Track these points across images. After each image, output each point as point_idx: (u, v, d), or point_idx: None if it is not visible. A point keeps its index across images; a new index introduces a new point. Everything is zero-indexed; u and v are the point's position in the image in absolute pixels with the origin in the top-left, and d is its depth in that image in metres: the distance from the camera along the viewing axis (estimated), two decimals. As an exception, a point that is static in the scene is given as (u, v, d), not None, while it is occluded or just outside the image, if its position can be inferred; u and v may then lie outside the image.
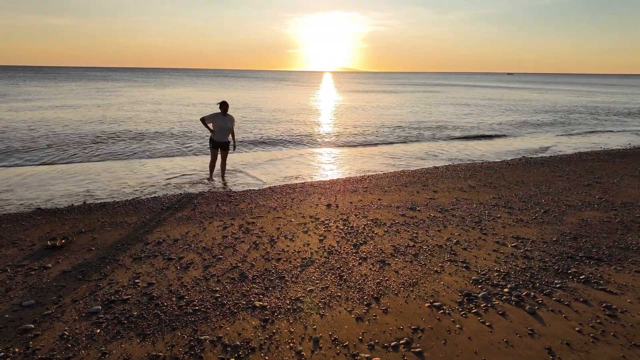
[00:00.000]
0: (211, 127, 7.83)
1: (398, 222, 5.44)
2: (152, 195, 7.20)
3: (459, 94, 42.94)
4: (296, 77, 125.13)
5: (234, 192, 7.40)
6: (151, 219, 5.67)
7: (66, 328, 3.08)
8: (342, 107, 26.81)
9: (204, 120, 7.77)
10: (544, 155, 11.57)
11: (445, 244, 4.65)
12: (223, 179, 8.35)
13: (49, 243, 4.65)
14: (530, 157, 11.00)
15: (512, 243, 4.71)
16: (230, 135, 7.95)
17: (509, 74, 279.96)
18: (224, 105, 7.67)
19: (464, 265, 4.11)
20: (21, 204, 6.64)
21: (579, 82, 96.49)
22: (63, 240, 4.74)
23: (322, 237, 4.90)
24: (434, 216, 5.74)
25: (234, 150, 8.30)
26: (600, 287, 3.72)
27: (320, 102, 30.81)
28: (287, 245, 4.67)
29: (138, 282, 3.77)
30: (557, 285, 3.73)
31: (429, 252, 4.41)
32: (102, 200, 6.80)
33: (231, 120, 7.81)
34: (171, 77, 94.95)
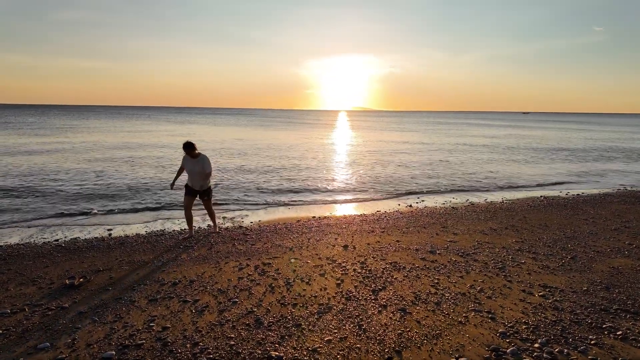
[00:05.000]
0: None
1: (418, 267, 5.28)
2: (170, 230, 7.28)
3: (487, 132, 42.99)
4: (313, 116, 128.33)
5: (250, 230, 7.39)
6: (168, 258, 5.67)
7: (79, 374, 3.01)
8: (360, 149, 27.09)
9: (179, 169, 6.80)
10: (565, 196, 11.27)
11: (469, 292, 4.45)
12: (216, 229, 7.24)
13: (67, 282, 4.68)
14: (552, 199, 10.72)
15: (540, 292, 4.48)
16: (208, 181, 6.61)
17: (524, 113, 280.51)
18: (187, 148, 6.34)
19: (490, 316, 3.90)
20: (43, 241, 6.78)
21: (591, 122, 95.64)
22: (81, 279, 4.77)
23: (339, 281, 4.77)
24: (455, 261, 5.55)
25: (209, 198, 6.81)
26: (640, 344, 3.45)
27: (337, 144, 31.25)
28: (304, 289, 4.55)
29: (153, 325, 3.71)
30: (592, 342, 3.48)
31: (452, 301, 4.22)
32: (121, 236, 6.88)
33: (203, 162, 6.41)
34: (196, 115, 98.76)
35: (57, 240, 6.82)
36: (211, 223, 7.53)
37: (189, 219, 6.78)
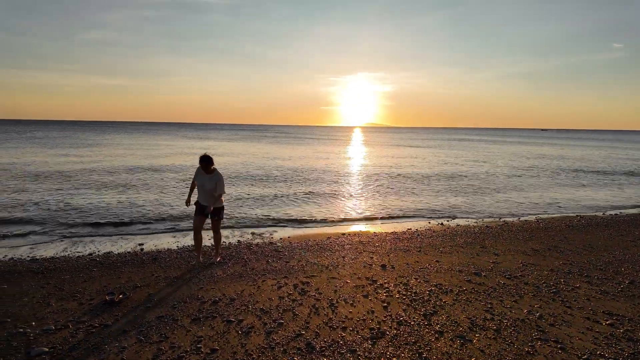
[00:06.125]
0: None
1: (465, 290, 5.01)
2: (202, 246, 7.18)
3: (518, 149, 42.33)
4: (329, 132, 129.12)
5: (282, 247, 7.24)
6: (203, 275, 5.54)
7: (130, 399, 2.86)
8: (381, 165, 26.92)
9: (192, 184, 6.03)
10: (603, 216, 10.79)
11: (528, 318, 4.17)
12: (217, 258, 6.21)
13: (107, 298, 4.59)
14: (590, 219, 10.27)
15: (606, 320, 4.16)
16: (218, 199, 5.83)
17: (542, 130, 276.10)
18: (203, 161, 5.64)
19: (559, 346, 3.61)
20: (78, 255, 6.77)
21: (611, 139, 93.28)
22: (120, 296, 4.67)
23: (385, 304, 4.55)
24: (503, 283, 5.26)
25: (220, 219, 5.98)
26: None
27: (358, 160, 31.17)
28: (350, 312, 4.35)
29: (200, 347, 3.55)
30: (680, 379, 3.16)
31: (513, 328, 3.95)
32: (153, 251, 6.81)
33: (217, 180, 5.69)
34: (214, 131, 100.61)
35: (91, 254, 6.80)
36: (216, 241, 6.29)
37: (198, 244, 5.98)
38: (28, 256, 6.60)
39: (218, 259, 6.24)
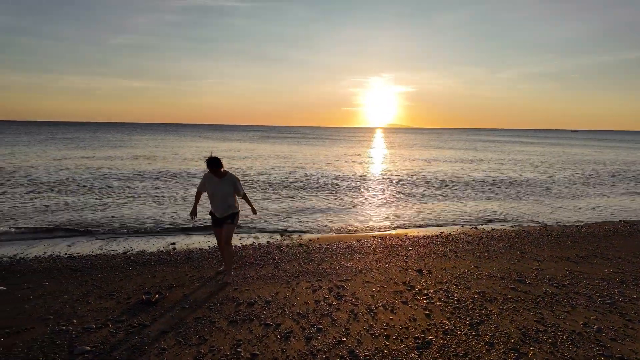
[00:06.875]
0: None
1: (511, 298, 4.74)
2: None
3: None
4: (352, 133, 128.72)
5: (312, 249, 7.12)
6: (236, 275, 5.48)
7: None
8: (409, 167, 26.50)
9: (197, 193, 5.32)
10: (650, 221, 10.13)
11: (585, 331, 3.87)
12: (229, 278, 5.22)
13: (144, 297, 4.58)
14: (635, 224, 9.67)
15: (675, 336, 3.81)
16: (233, 204, 5.13)
17: (572, 131, 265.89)
18: (211, 165, 4.91)
19: (625, 364, 3.32)
20: (111, 252, 6.87)
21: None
22: (157, 295, 4.66)
23: (427, 312, 4.34)
24: (552, 292, 4.95)
25: (254, 213, 5.38)
26: None
27: (384, 161, 30.84)
28: (390, 319, 4.17)
29: (240, 351, 3.46)
30: None
31: (570, 341, 3.67)
32: (185, 250, 6.83)
33: (232, 184, 5.05)
34: (238, 132, 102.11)
35: (125, 252, 6.88)
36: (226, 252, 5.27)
37: (225, 257, 5.30)
38: (66, 254, 6.74)
39: (230, 278, 5.23)
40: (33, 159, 23.48)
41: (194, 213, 5.32)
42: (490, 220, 10.23)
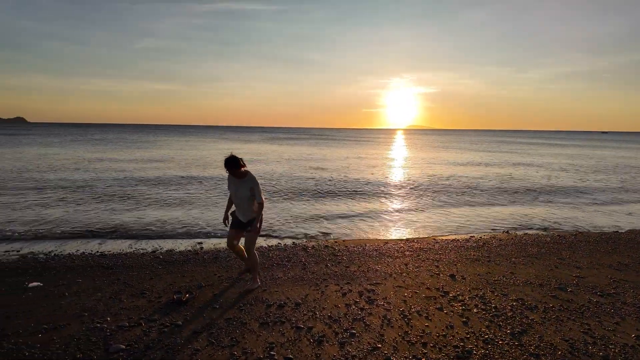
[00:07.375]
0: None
1: (553, 307, 4.49)
2: (259, 246, 7.14)
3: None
4: (374, 135, 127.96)
5: (338, 251, 7.01)
6: (265, 276, 5.43)
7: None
8: (436, 169, 26.05)
9: (229, 198, 5.13)
10: (697, 228, 9.53)
11: (639, 345, 3.61)
12: (255, 282, 4.98)
13: (175, 297, 4.59)
14: (681, 231, 9.11)
15: None
16: (252, 209, 4.83)
17: (603, 132, 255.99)
18: (229, 166, 4.64)
19: (689, 382, 3.06)
20: (142, 251, 6.96)
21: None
22: (187, 295, 4.65)
23: (464, 319, 4.16)
24: (596, 302, 4.67)
25: (256, 233, 4.85)
26: None
27: (410, 164, 30.45)
28: (426, 325, 4.01)
29: (274, 354, 3.39)
30: None
31: (623, 356, 3.43)
32: (213, 250, 6.85)
33: (252, 186, 4.72)
34: (259, 134, 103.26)
35: (154, 251, 6.96)
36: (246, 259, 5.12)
37: (240, 255, 5.16)
38: (97, 251, 6.88)
39: (256, 284, 4.98)
40: (63, 158, 24.34)
41: (226, 218, 5.11)
42: (522, 225, 9.85)
